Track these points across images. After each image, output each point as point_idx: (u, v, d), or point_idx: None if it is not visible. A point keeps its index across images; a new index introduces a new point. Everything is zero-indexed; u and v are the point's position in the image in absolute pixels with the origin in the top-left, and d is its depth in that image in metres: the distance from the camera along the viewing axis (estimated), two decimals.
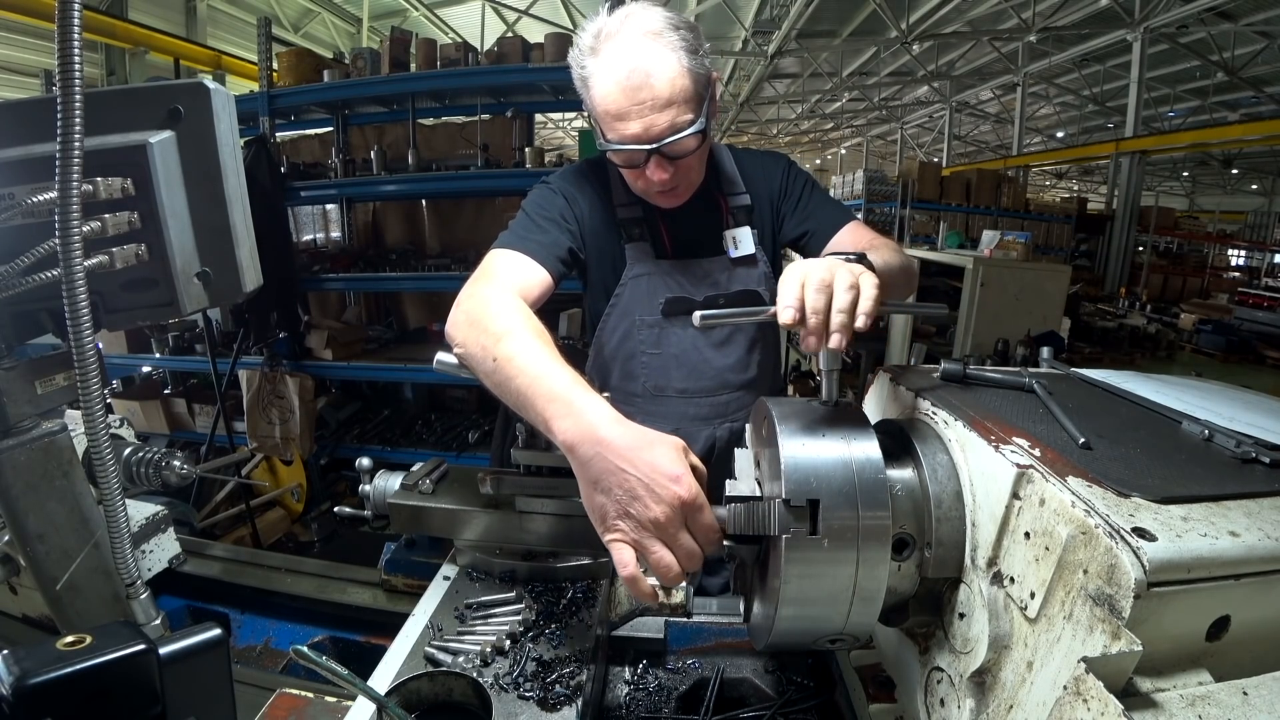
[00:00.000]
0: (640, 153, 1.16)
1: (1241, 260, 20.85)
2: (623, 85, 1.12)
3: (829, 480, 0.66)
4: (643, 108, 1.12)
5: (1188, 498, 0.59)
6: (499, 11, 10.80)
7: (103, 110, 0.77)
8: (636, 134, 1.14)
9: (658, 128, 1.13)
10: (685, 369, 1.45)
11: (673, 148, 1.16)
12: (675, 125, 1.14)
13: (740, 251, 1.40)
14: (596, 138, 1.22)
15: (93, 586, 0.92)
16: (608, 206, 1.39)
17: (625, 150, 1.17)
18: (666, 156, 1.18)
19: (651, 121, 1.13)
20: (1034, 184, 22.60)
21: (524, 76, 3.72)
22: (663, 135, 1.14)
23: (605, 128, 1.18)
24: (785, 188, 1.44)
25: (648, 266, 1.39)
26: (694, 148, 1.20)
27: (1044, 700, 0.57)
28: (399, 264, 4.14)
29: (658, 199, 1.30)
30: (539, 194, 1.39)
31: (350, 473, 3.48)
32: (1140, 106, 11.30)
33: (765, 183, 1.45)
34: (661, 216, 1.39)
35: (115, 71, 7.80)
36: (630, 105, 1.12)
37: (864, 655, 0.98)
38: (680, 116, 1.14)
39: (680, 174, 1.23)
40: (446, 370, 1.00)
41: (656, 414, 1.47)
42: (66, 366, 0.88)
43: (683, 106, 1.14)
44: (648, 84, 1.11)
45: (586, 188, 1.40)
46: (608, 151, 1.21)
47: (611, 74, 1.13)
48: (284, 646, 1.37)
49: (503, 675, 0.82)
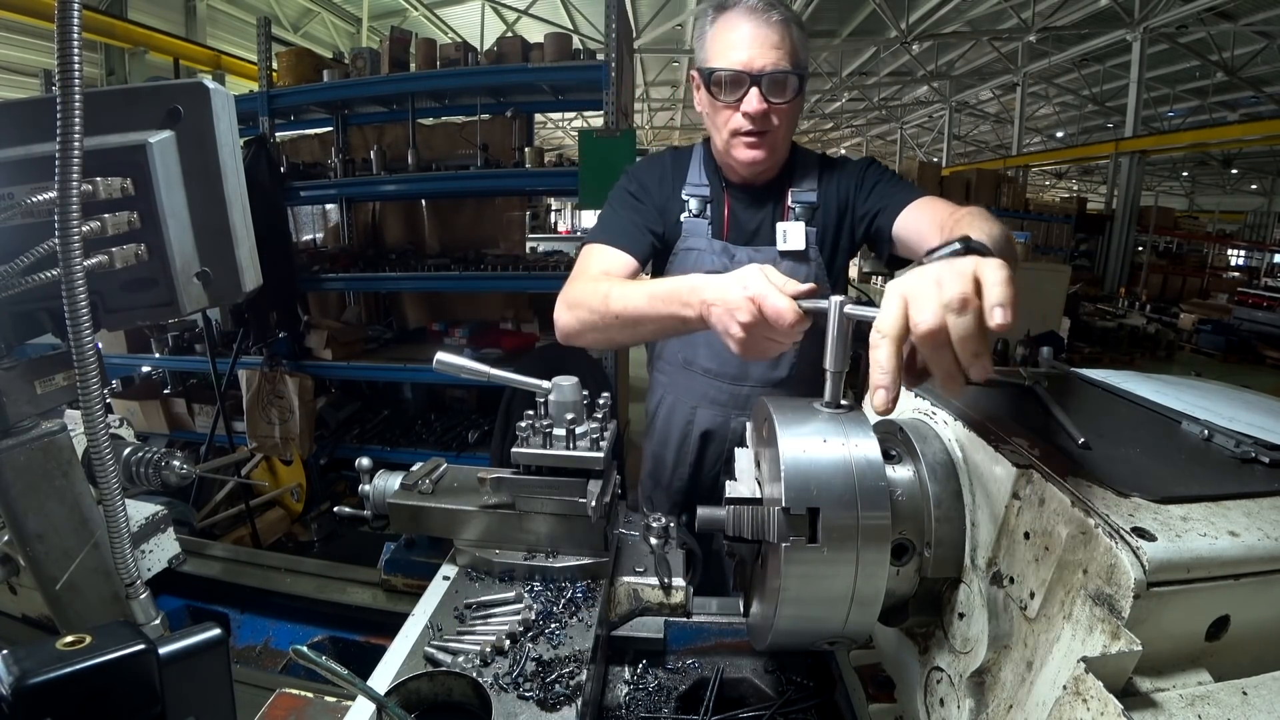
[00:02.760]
0: (745, 80, 1.30)
1: (1241, 260, 20.88)
2: (747, 19, 1.29)
3: (829, 483, 0.66)
4: (755, 40, 1.29)
5: (1187, 498, 0.59)
6: (499, 11, 10.80)
7: (102, 110, 0.77)
8: (746, 60, 1.29)
9: (766, 59, 1.29)
10: (712, 349, 1.51)
11: (773, 87, 1.30)
12: (778, 64, 1.29)
13: (789, 245, 1.43)
14: (703, 73, 1.35)
15: (92, 586, 0.92)
16: (679, 185, 1.49)
17: (734, 73, 1.30)
18: (765, 95, 1.30)
19: (764, 54, 1.29)
20: (1034, 184, 22.61)
21: (524, 76, 3.72)
22: (770, 67, 1.29)
23: (718, 59, 1.32)
24: (861, 182, 1.46)
25: (699, 243, 1.46)
26: (792, 95, 1.33)
27: (1044, 700, 0.57)
28: (399, 264, 4.14)
29: (741, 150, 1.37)
30: (621, 182, 1.52)
31: (350, 473, 3.48)
32: (1140, 106, 11.30)
33: (843, 184, 1.47)
34: (727, 196, 1.47)
35: (115, 71, 7.79)
36: (746, 36, 1.29)
37: (864, 655, 0.98)
38: (784, 62, 1.30)
39: (772, 118, 1.34)
40: (446, 370, 1.00)
41: (682, 387, 1.57)
42: (66, 366, 0.88)
43: (789, 55, 1.30)
44: (765, 24, 1.29)
45: (659, 169, 1.52)
46: (713, 79, 1.33)
47: (740, 13, 1.31)
48: (284, 646, 1.37)
49: (502, 675, 0.82)
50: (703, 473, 1.62)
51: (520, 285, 3.97)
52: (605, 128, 3.49)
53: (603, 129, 3.52)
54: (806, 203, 1.45)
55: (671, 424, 1.62)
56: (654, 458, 1.68)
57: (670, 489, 1.65)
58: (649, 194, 1.47)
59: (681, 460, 1.62)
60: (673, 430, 1.62)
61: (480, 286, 4.09)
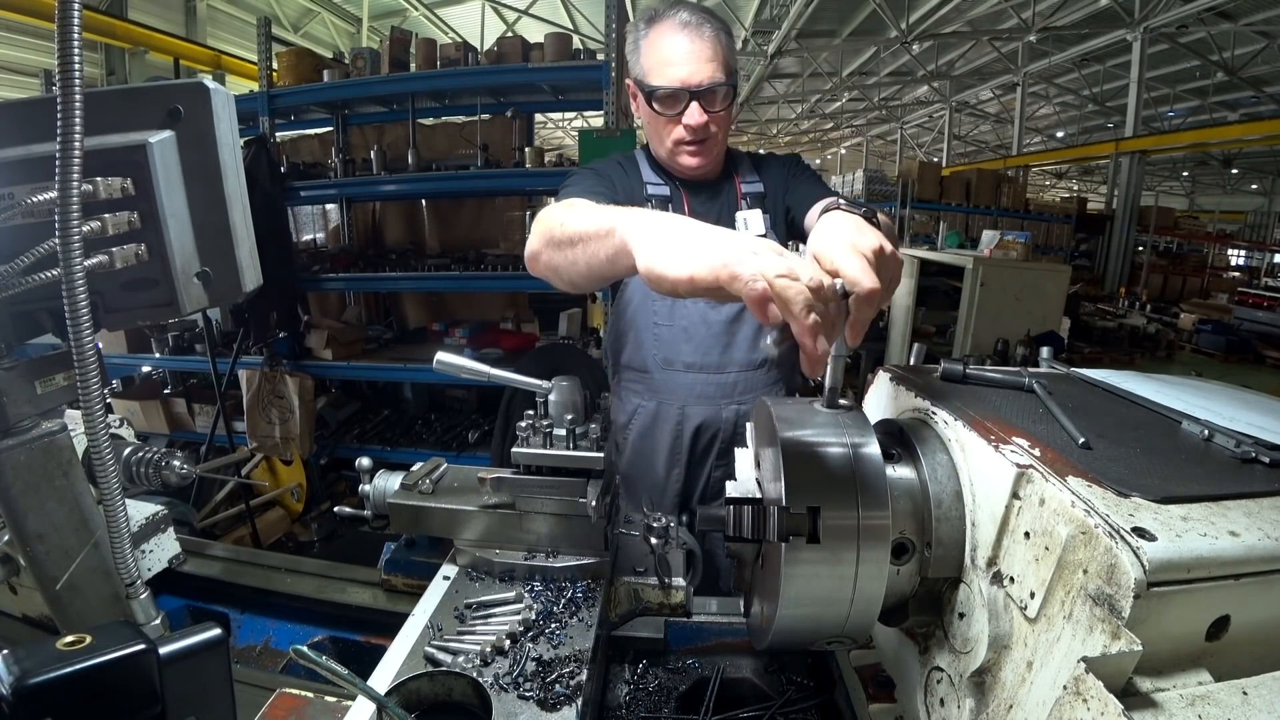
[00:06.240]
0: (685, 95, 1.37)
1: (1241, 260, 20.86)
2: (681, 34, 1.36)
3: (829, 483, 0.66)
4: (691, 56, 1.35)
5: (1187, 498, 0.59)
6: (499, 11, 10.80)
7: (102, 110, 0.77)
8: (684, 77, 1.36)
9: (704, 74, 1.36)
10: (694, 343, 1.52)
11: (710, 99, 1.39)
12: (714, 77, 1.37)
13: (751, 232, 1.48)
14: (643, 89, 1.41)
15: (92, 586, 0.92)
16: (639, 186, 1.53)
17: (674, 90, 1.37)
18: (704, 107, 1.39)
19: (699, 69, 1.36)
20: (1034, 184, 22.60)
21: (524, 76, 3.72)
22: (707, 82, 1.36)
23: (655, 76, 1.39)
24: (788, 175, 1.59)
25: None
26: (728, 103, 1.42)
27: (1044, 700, 0.57)
28: (399, 264, 4.14)
29: (686, 156, 1.46)
30: (584, 171, 1.52)
31: (350, 473, 3.48)
32: (1140, 106, 11.30)
33: (779, 176, 1.59)
34: (684, 195, 1.52)
35: (115, 71, 7.79)
36: (682, 52, 1.36)
37: (864, 655, 0.98)
38: (719, 74, 1.38)
39: (710, 126, 1.42)
40: (446, 370, 1.00)
41: (665, 388, 1.55)
42: (66, 366, 0.88)
43: (721, 66, 1.38)
44: (701, 37, 1.36)
45: (620, 171, 1.55)
46: (654, 96, 1.39)
47: (672, 28, 1.37)
48: (284, 646, 1.36)
49: (503, 675, 0.82)
50: (695, 466, 1.60)
51: (520, 285, 3.97)
52: (605, 128, 3.49)
53: (603, 129, 3.52)
54: (756, 193, 1.56)
55: (657, 431, 1.59)
56: (630, 475, 1.63)
57: (666, 494, 1.61)
58: (615, 186, 1.46)
59: (675, 462, 1.60)
60: (660, 437, 1.59)
61: (480, 286, 4.09)
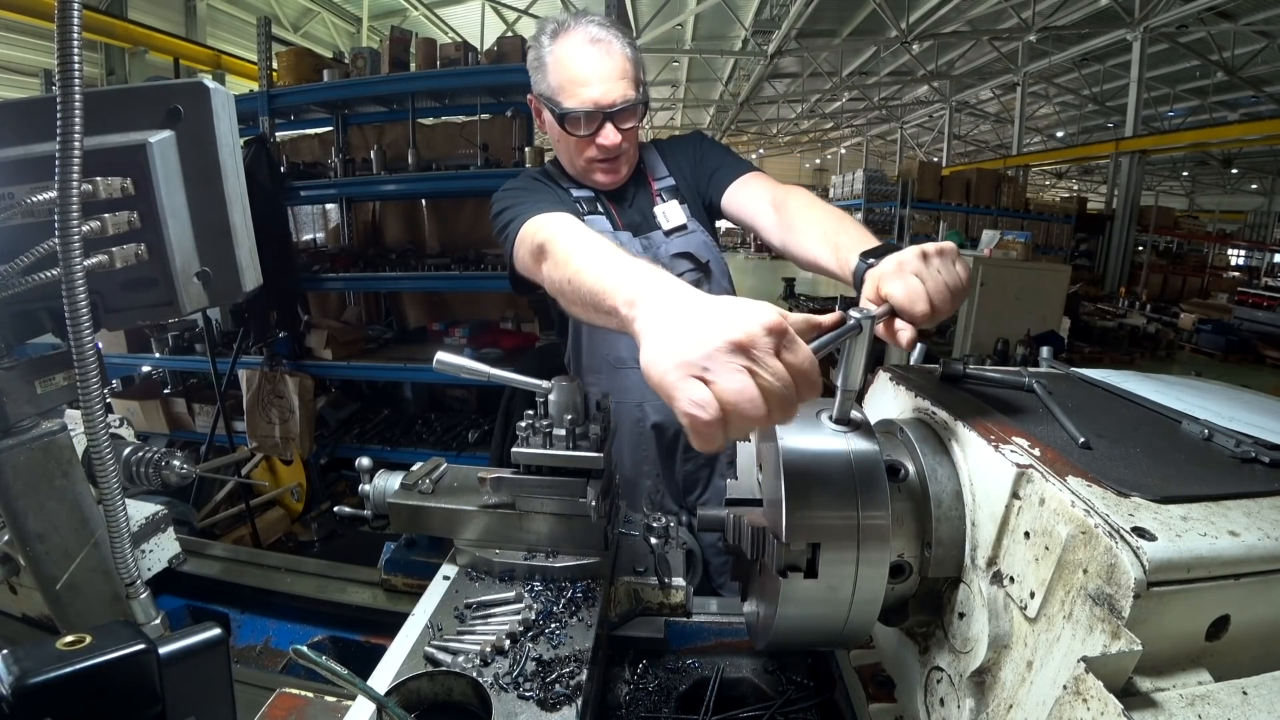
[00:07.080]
0: (598, 116, 1.35)
1: (1241, 260, 20.86)
2: (591, 51, 1.33)
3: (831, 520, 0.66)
4: (603, 76, 1.33)
5: (1187, 497, 0.59)
6: (499, 11, 10.80)
7: (102, 110, 0.77)
8: (596, 98, 1.33)
9: (615, 93, 1.34)
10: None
11: (624, 117, 1.38)
12: (626, 95, 1.35)
13: (672, 224, 1.53)
14: (553, 109, 1.37)
15: (92, 586, 0.92)
16: (565, 193, 1.52)
17: (587, 112, 1.34)
18: (618, 126, 1.37)
19: (610, 89, 1.34)
20: (1034, 184, 22.61)
21: (524, 76, 3.64)
22: (618, 101, 1.34)
23: (566, 96, 1.35)
24: (696, 155, 1.60)
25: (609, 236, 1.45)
26: (639, 118, 1.42)
27: (1044, 700, 0.57)
28: (399, 263, 4.13)
29: (599, 174, 1.47)
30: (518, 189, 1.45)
31: (350, 472, 3.48)
32: (1140, 106, 11.30)
33: (687, 163, 1.60)
34: (609, 201, 1.53)
35: (115, 71, 7.79)
36: (594, 72, 1.33)
37: (863, 655, 0.98)
38: (629, 90, 1.36)
39: (623, 143, 1.41)
40: (446, 370, 1.00)
41: (618, 388, 1.52)
42: (66, 366, 0.88)
43: (632, 83, 1.37)
44: (609, 56, 1.33)
45: (547, 181, 1.54)
46: (567, 118, 1.37)
47: (580, 45, 1.34)
48: (284, 646, 1.36)
49: (503, 675, 0.82)
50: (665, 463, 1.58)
51: None
52: None
53: None
54: (668, 186, 1.57)
55: (621, 430, 1.56)
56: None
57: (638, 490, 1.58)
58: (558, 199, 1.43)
59: (643, 459, 1.58)
60: (623, 436, 1.57)
61: (480, 286, 4.08)
